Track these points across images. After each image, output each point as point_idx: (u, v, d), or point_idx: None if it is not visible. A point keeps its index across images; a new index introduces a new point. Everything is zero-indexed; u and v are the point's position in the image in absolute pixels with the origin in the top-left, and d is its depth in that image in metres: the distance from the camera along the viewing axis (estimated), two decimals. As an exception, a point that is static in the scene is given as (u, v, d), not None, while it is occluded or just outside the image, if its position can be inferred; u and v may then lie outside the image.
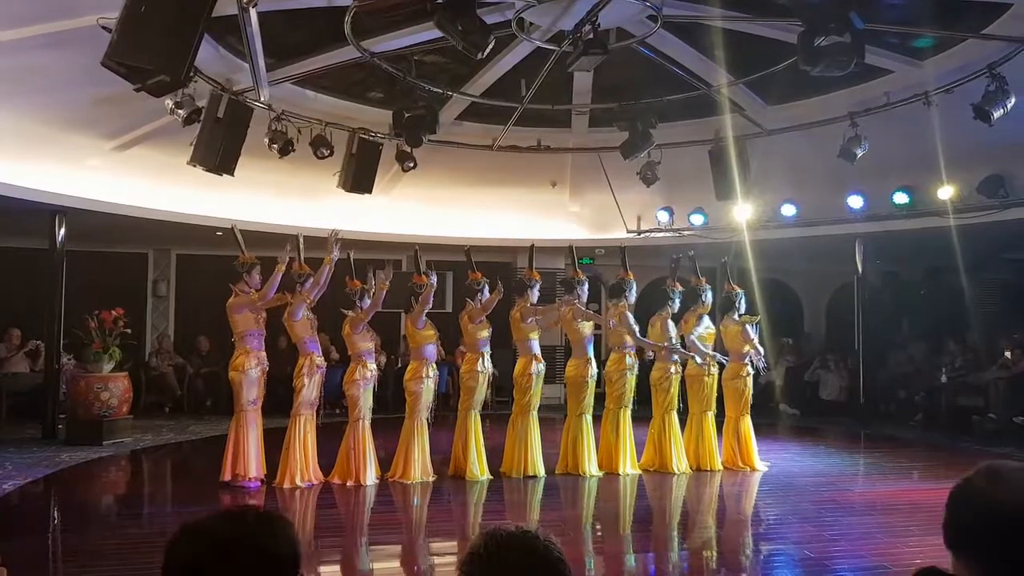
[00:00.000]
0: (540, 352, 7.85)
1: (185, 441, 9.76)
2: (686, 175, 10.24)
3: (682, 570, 5.14)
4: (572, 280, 8.02)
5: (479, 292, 7.77)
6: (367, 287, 7.31)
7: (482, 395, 7.76)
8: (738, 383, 8.45)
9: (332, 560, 5.26)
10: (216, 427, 10.42)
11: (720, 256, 9.32)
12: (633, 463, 8.01)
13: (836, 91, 8.57)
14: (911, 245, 12.17)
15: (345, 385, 7.22)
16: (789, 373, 13.61)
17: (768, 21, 6.87)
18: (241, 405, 6.91)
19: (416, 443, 7.29)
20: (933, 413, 11.79)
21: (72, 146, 8.68)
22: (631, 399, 8.07)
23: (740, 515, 6.76)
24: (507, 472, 7.61)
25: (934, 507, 2.02)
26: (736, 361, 8.35)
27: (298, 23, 7.09)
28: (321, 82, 8.46)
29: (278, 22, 6.91)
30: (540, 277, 8.02)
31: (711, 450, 8.29)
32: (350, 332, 7.19)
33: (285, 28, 7.16)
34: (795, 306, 15.49)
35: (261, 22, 6.18)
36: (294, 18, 6.94)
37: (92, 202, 9.47)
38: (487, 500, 6.78)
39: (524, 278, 7.98)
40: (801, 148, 9.33)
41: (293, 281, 7.08)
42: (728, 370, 8.36)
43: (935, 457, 9.22)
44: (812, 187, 10.89)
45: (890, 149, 8.67)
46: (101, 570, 4.76)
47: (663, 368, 8.19)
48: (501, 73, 8.21)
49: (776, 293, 14.23)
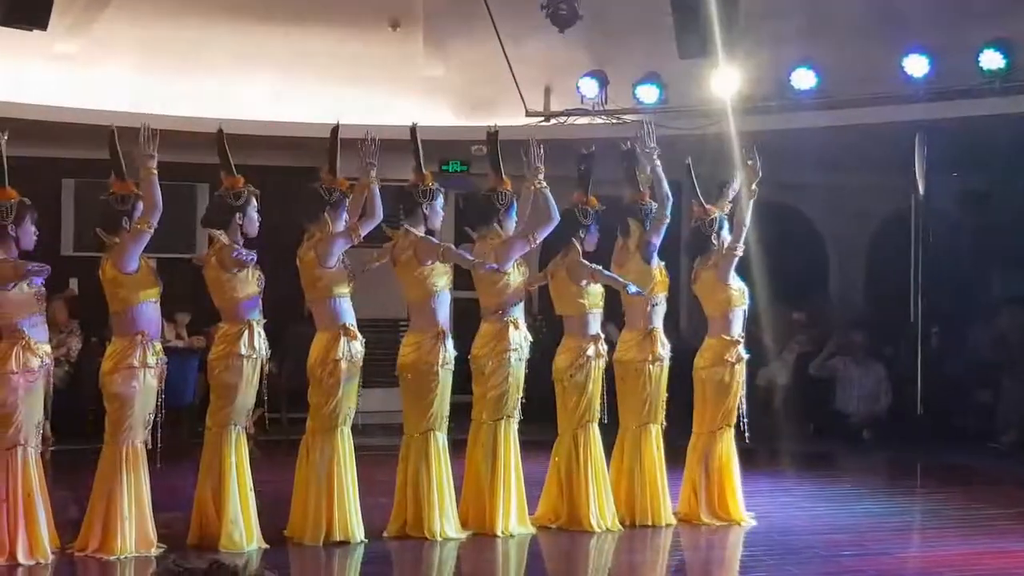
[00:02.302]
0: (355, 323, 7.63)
1: None
2: (628, 16, 10.43)
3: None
4: (417, 190, 7.73)
5: (238, 211, 7.35)
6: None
7: (245, 398, 7.37)
8: (720, 374, 8.27)
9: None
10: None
11: (682, 156, 8.82)
12: (522, 516, 7.86)
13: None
14: (1011, 144, 11.76)
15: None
16: (800, 365, 13.21)
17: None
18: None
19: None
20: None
21: None
22: (514, 403, 7.83)
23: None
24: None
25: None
26: (722, 335, 8.24)
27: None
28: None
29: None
30: (347, 186, 7.65)
31: (656, 492, 8.14)
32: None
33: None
34: (814, 251, 15.32)
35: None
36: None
37: None
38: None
39: (323, 187, 7.58)
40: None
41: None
42: (708, 351, 8.28)
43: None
44: (843, 40, 10.89)
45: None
46: None
47: (575, 348, 8.00)
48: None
49: (783, 228, 13.50)
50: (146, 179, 7.00)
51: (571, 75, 11.95)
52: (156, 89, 11.70)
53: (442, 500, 7.59)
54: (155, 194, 6.99)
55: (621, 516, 8.01)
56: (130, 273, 7.04)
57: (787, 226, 14.09)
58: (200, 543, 7.14)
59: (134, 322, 7.02)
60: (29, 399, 6.82)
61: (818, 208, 15.01)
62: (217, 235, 7.28)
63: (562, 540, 7.78)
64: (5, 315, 6.81)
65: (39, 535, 6.74)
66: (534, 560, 7.54)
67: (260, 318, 7.34)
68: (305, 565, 7.28)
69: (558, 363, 8.01)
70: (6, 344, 6.84)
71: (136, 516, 7.01)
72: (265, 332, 7.44)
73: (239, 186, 7.38)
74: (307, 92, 12.23)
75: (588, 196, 8.14)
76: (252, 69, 12.09)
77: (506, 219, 7.87)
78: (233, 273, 7.23)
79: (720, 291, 8.25)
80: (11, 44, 9.61)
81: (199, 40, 11.76)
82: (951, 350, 12.81)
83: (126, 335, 7.03)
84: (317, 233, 7.43)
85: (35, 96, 11.25)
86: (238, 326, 7.26)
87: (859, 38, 10.75)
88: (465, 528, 7.65)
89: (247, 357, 7.25)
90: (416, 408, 7.63)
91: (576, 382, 7.94)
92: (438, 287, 7.65)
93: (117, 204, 7.07)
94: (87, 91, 11.50)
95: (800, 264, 14.26)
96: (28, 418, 6.81)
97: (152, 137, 7.05)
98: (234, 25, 11.63)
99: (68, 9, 9.90)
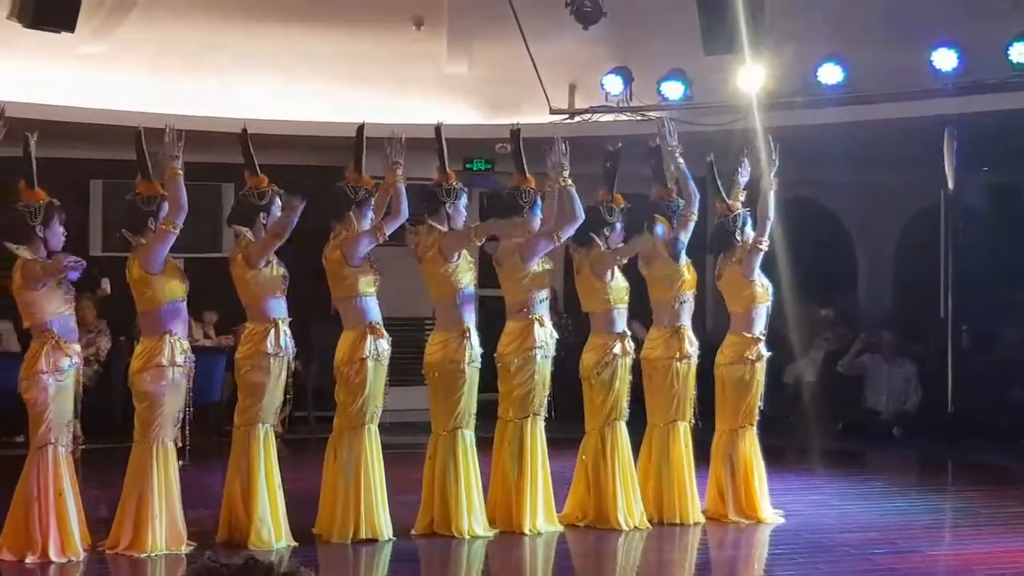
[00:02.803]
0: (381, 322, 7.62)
1: None
2: (653, 13, 10.35)
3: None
4: (440, 190, 7.66)
5: (262, 210, 7.37)
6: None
7: (273, 397, 7.36)
8: (741, 372, 8.21)
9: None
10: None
11: (708, 152, 8.80)
12: (549, 514, 7.81)
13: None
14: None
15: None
16: (828, 362, 13.21)
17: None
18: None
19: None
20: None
21: None
22: (540, 401, 7.80)
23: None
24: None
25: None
26: (743, 332, 8.18)
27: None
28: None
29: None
30: (373, 185, 7.61)
31: (684, 490, 8.11)
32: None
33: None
34: (842, 248, 15.28)
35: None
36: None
37: None
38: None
39: (349, 186, 7.53)
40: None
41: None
42: (728, 348, 8.22)
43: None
44: (870, 34, 10.88)
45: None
46: None
47: (601, 346, 7.94)
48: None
49: (808, 224, 13.64)
50: (171, 180, 7.03)
51: (595, 72, 11.89)
52: (181, 90, 11.74)
53: (470, 498, 7.58)
54: (180, 195, 7.02)
55: (649, 514, 8.00)
56: (156, 273, 7.07)
57: (814, 223, 14.10)
58: (229, 540, 7.17)
59: (162, 321, 7.06)
60: (59, 398, 6.87)
61: (846, 204, 14.97)
62: (243, 232, 7.30)
63: (590, 538, 7.77)
64: (35, 314, 6.86)
65: (71, 533, 6.80)
66: (561, 558, 7.54)
67: (286, 317, 7.36)
68: (333, 563, 7.28)
69: (585, 361, 7.99)
70: (36, 344, 6.90)
71: (166, 513, 7.05)
72: (291, 331, 7.45)
73: (263, 185, 7.41)
74: (332, 91, 12.23)
75: (613, 193, 8.11)
76: (276, 69, 12.10)
77: (530, 217, 7.84)
78: (258, 270, 7.26)
79: (744, 287, 8.21)
80: (38, 47, 9.65)
81: (223, 41, 11.76)
82: (981, 347, 12.75)
83: (154, 334, 7.07)
84: (343, 232, 7.44)
85: (62, 98, 11.32)
86: (264, 325, 7.28)
87: (886, 32, 10.68)
88: (493, 526, 7.64)
89: (274, 356, 7.27)
90: (443, 406, 7.63)
91: (603, 380, 7.93)
92: (462, 284, 7.63)
93: (143, 204, 7.11)
94: (113, 92, 11.55)
95: (828, 261, 14.24)
96: (58, 417, 6.86)
97: (177, 138, 7.09)
98: (258, 26, 11.61)
99: (94, 12, 9.94)
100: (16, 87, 10.44)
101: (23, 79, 10.87)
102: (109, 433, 10.50)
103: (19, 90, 10.31)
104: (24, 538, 6.85)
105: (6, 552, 6.85)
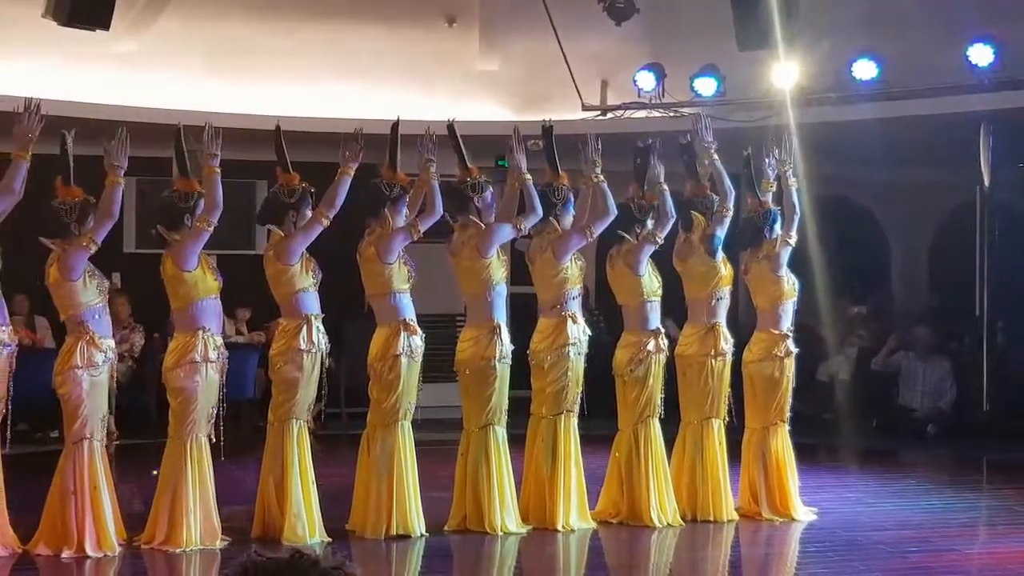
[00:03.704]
0: (415, 319, 7.64)
1: None
2: (686, 8, 10.43)
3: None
4: (466, 185, 7.72)
5: (292, 208, 7.38)
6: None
7: (307, 393, 7.39)
8: (770, 369, 8.19)
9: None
10: None
11: (741, 148, 8.70)
12: (582, 511, 7.80)
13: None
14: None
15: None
16: (862, 360, 13.10)
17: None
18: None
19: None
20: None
21: None
22: (573, 398, 7.76)
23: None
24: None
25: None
26: (771, 328, 8.16)
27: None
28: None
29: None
30: (408, 182, 7.64)
31: (717, 488, 8.09)
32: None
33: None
34: (876, 244, 15.18)
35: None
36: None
37: None
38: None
39: (383, 183, 7.55)
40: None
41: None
42: (756, 345, 8.20)
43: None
44: (905, 29, 10.82)
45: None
46: None
47: (635, 343, 7.93)
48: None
49: (842, 222, 13.47)
50: (209, 178, 7.06)
51: (628, 68, 11.85)
52: (214, 87, 11.77)
53: (502, 494, 7.58)
54: (217, 193, 7.05)
55: (682, 511, 7.98)
56: (190, 270, 7.10)
57: (848, 219, 14.02)
58: (263, 536, 7.19)
59: (195, 318, 7.10)
60: (93, 393, 6.92)
61: (880, 201, 14.89)
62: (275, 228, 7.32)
63: (623, 535, 7.75)
64: (70, 307, 6.91)
65: (106, 528, 6.85)
66: (594, 555, 7.53)
67: (319, 313, 7.37)
68: (366, 558, 7.27)
69: (618, 358, 7.99)
70: (71, 339, 6.95)
71: (201, 509, 7.07)
72: (324, 327, 7.47)
73: (294, 183, 7.42)
74: (364, 89, 12.25)
75: (643, 190, 8.08)
76: (308, 66, 12.12)
77: (563, 214, 7.81)
78: (290, 265, 7.27)
79: (772, 283, 8.17)
80: (73, 44, 9.68)
81: (255, 38, 11.81)
82: (1017, 344, 12.64)
83: (188, 330, 7.10)
84: (378, 229, 7.46)
85: (96, 95, 11.39)
86: (297, 321, 7.29)
87: (921, 27, 10.61)
88: (525, 523, 7.64)
89: (307, 352, 7.28)
90: (475, 403, 7.63)
91: (636, 377, 7.92)
92: (495, 280, 7.61)
93: (179, 201, 7.14)
94: (146, 90, 11.61)
95: (861, 258, 14.19)
96: (93, 412, 6.91)
97: (215, 136, 7.11)
98: (290, 23, 11.62)
99: (128, 10, 9.98)
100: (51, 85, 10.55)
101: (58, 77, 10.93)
102: (143, 429, 10.59)
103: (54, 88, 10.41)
104: (60, 533, 6.89)
105: (42, 547, 6.89)
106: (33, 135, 6.75)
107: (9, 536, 6.76)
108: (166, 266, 7.09)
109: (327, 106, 12.15)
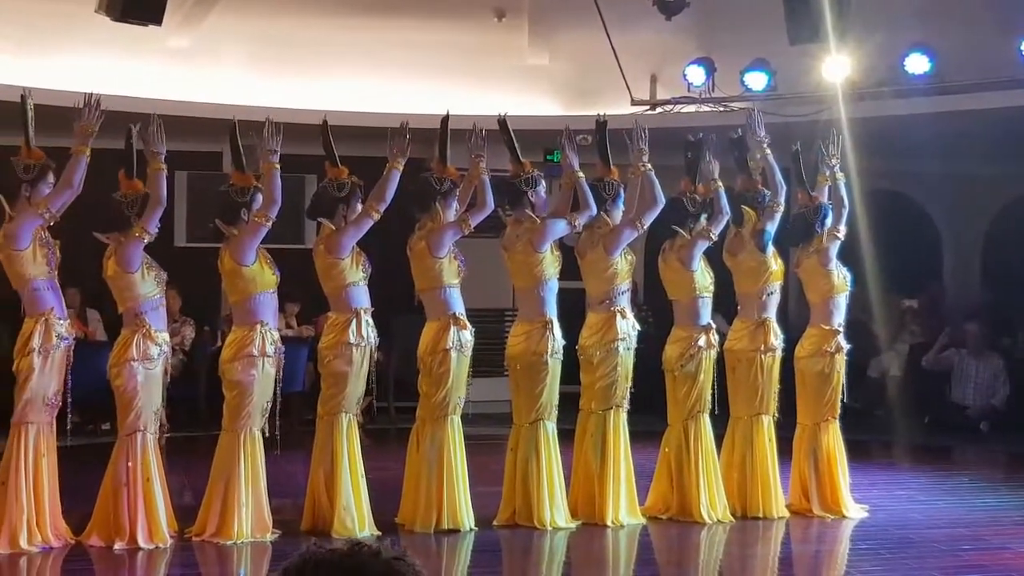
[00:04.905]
0: (464, 313, 7.62)
1: None
2: (736, 2, 10.56)
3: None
4: (520, 179, 7.67)
5: (341, 202, 7.38)
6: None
7: (356, 386, 7.39)
8: (821, 365, 8.14)
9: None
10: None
11: (791, 143, 8.68)
12: (631, 507, 7.81)
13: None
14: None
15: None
16: (914, 356, 12.98)
17: None
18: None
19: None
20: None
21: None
22: (623, 393, 7.75)
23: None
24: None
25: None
26: (822, 324, 8.12)
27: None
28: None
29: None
30: (458, 176, 7.61)
31: (767, 484, 8.07)
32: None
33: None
34: (929, 239, 15.07)
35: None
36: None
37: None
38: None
39: (434, 177, 7.56)
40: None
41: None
42: (807, 341, 8.17)
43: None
44: (958, 23, 10.71)
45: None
46: None
47: (685, 338, 7.94)
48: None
49: (894, 216, 13.35)
50: (268, 173, 7.08)
51: (678, 63, 11.80)
52: (266, 82, 11.84)
53: (552, 489, 7.57)
54: (276, 188, 7.07)
55: (732, 508, 7.96)
56: (248, 264, 7.13)
57: (900, 214, 13.95)
58: (313, 529, 7.22)
59: (253, 312, 7.13)
60: (148, 386, 6.96)
61: (933, 195, 14.78)
62: (326, 221, 7.33)
63: (672, 531, 7.75)
64: (129, 299, 6.96)
65: (158, 520, 6.90)
66: (643, 551, 7.54)
67: (368, 307, 7.38)
68: (416, 552, 7.08)
69: (668, 353, 7.98)
70: (127, 331, 7.00)
71: (252, 502, 7.11)
72: (373, 321, 7.49)
73: (343, 177, 7.42)
74: (412, 83, 12.30)
75: (696, 184, 8.04)
76: (358, 61, 12.14)
77: (613, 208, 7.80)
78: (340, 259, 7.27)
79: (822, 277, 8.13)
80: (126, 40, 9.75)
81: (307, 33, 11.84)
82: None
83: (245, 324, 7.14)
84: (428, 223, 7.46)
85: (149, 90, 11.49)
86: (346, 315, 7.31)
87: (975, 21, 10.52)
88: (575, 518, 7.63)
89: (356, 345, 7.30)
90: (525, 398, 7.63)
91: (687, 372, 7.91)
92: (548, 276, 7.63)
93: (236, 196, 7.16)
94: (199, 85, 11.69)
95: (914, 252, 14.07)
96: (147, 405, 6.96)
97: (276, 132, 7.12)
98: (340, 18, 11.64)
99: (180, 5, 10.06)
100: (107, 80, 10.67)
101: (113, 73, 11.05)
102: (193, 422, 10.70)
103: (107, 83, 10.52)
104: (113, 524, 6.94)
105: (95, 538, 6.95)
106: (93, 130, 6.81)
107: (62, 527, 6.83)
108: (224, 260, 7.13)
109: (375, 101, 12.20)
